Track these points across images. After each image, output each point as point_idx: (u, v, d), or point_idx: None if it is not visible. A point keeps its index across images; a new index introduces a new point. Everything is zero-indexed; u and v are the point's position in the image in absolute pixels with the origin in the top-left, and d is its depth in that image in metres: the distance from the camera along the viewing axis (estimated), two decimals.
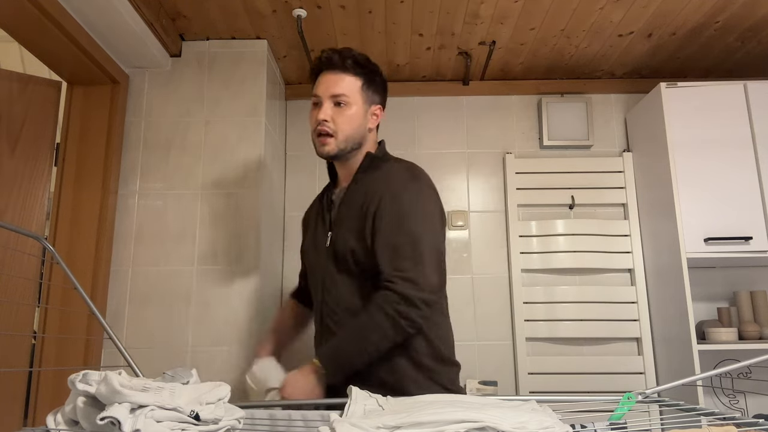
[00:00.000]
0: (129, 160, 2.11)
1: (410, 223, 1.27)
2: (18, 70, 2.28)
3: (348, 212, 1.36)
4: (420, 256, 1.25)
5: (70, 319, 1.90)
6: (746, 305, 2.24)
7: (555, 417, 0.79)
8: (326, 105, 1.36)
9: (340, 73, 1.36)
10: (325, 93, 1.36)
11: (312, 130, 1.39)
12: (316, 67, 1.40)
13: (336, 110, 1.36)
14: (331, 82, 1.36)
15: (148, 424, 0.70)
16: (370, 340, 1.22)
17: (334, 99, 1.36)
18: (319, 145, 1.37)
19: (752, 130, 2.19)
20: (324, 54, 1.38)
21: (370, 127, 1.42)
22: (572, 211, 2.49)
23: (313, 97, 1.40)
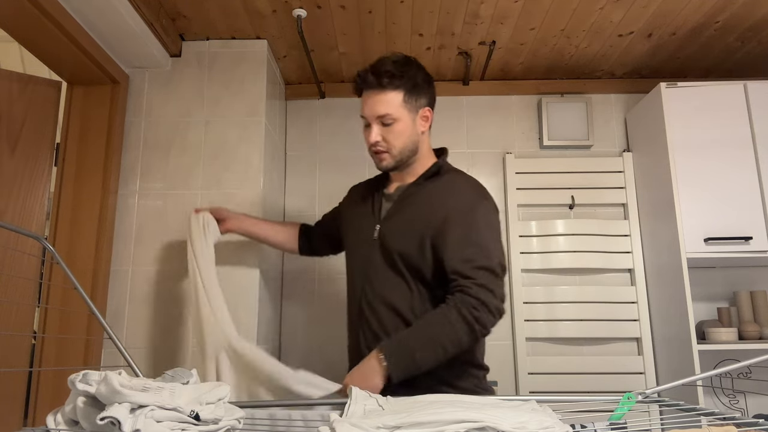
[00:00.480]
0: (129, 160, 2.11)
1: (482, 238, 1.31)
2: (18, 70, 2.28)
3: (405, 213, 1.40)
4: (493, 268, 1.28)
5: (70, 319, 1.90)
6: (746, 305, 2.24)
7: (555, 417, 0.79)
8: (374, 127, 1.39)
9: (379, 93, 1.37)
10: (371, 115, 1.39)
11: (368, 147, 1.44)
12: (356, 87, 1.43)
13: (384, 129, 1.38)
14: (373, 103, 1.38)
15: (148, 424, 0.70)
16: (441, 340, 1.22)
17: (380, 120, 1.38)
18: (377, 161, 1.43)
19: (752, 130, 2.19)
20: (360, 74, 1.40)
21: (422, 131, 1.44)
22: (572, 211, 2.49)
23: (362, 118, 1.43)
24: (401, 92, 1.37)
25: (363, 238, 1.44)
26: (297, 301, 2.43)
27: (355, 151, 2.56)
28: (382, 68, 1.37)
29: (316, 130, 2.59)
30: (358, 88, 1.41)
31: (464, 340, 1.24)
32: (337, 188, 2.50)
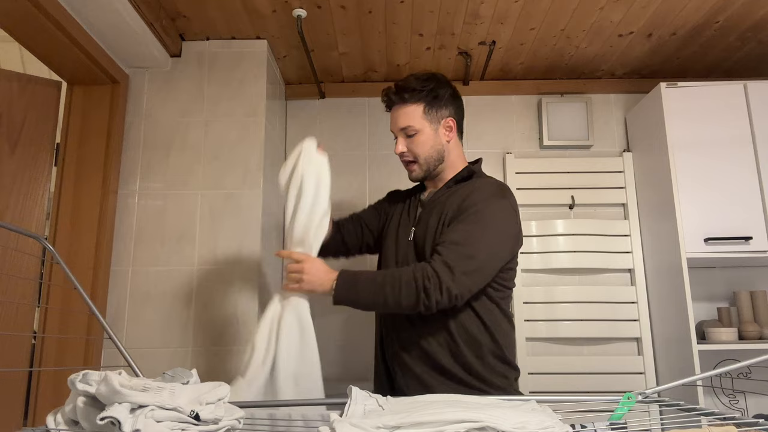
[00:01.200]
0: (129, 160, 2.11)
1: (480, 231, 1.33)
2: (18, 70, 2.28)
3: (433, 215, 1.45)
4: (471, 259, 1.29)
5: (70, 319, 1.90)
6: (746, 305, 2.24)
7: (555, 417, 0.79)
8: (400, 140, 1.50)
9: (401, 107, 1.48)
10: (395, 129, 1.51)
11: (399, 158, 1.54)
12: (384, 102, 1.54)
13: (409, 141, 1.48)
14: (396, 117, 1.50)
15: (148, 424, 0.70)
16: (385, 291, 1.29)
17: (404, 132, 1.48)
18: (408, 173, 1.54)
19: (752, 130, 2.19)
20: (385, 91, 1.52)
21: (447, 140, 1.51)
22: (572, 211, 2.49)
23: (392, 133, 1.54)
24: (421, 105, 1.47)
25: (400, 242, 1.51)
26: None
27: (355, 151, 2.56)
28: (405, 84, 1.48)
29: (316, 130, 2.59)
30: (387, 106, 1.53)
31: (403, 304, 1.28)
32: (337, 188, 2.52)
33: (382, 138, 2.57)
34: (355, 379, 2.29)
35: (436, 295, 1.25)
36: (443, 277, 1.25)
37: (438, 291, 1.25)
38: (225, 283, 2.01)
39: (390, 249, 1.54)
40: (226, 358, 1.96)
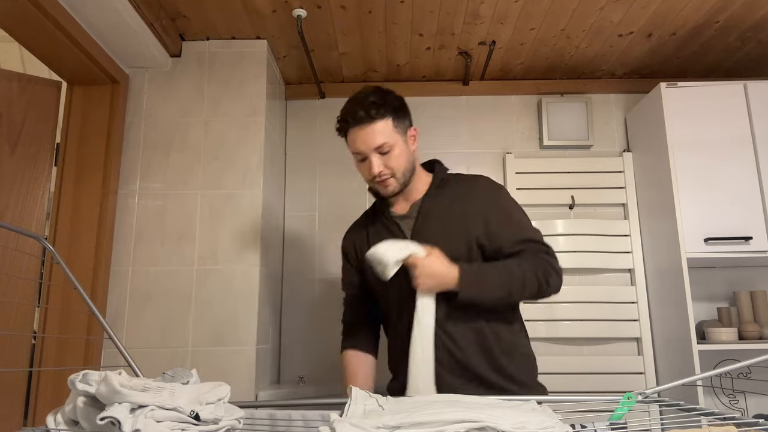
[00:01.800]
0: (129, 160, 2.11)
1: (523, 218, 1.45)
2: (18, 70, 2.28)
3: (436, 224, 1.40)
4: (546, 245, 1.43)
5: (70, 319, 1.90)
6: (746, 305, 2.24)
7: (555, 417, 0.79)
8: (374, 159, 1.37)
9: (371, 124, 1.36)
10: (367, 149, 1.37)
11: (368, 179, 1.42)
12: (342, 126, 1.39)
13: (384, 158, 1.38)
14: (366, 136, 1.36)
15: (148, 424, 0.70)
16: (510, 286, 1.32)
17: (378, 150, 1.37)
18: (383, 189, 1.41)
19: (752, 130, 2.19)
20: (347, 112, 1.38)
21: (413, 149, 1.47)
22: (572, 211, 2.49)
23: (356, 155, 1.39)
24: (389, 118, 1.38)
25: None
26: (297, 301, 2.43)
27: None
28: (366, 101, 1.36)
29: (316, 130, 2.59)
30: (345, 128, 1.39)
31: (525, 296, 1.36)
32: (337, 188, 2.52)
33: None
34: None
35: (556, 277, 1.40)
36: (555, 262, 1.40)
37: (556, 274, 1.40)
38: (225, 283, 2.01)
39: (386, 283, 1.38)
40: (226, 358, 1.96)
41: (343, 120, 1.39)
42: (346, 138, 1.41)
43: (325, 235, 2.48)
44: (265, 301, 2.14)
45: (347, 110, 1.39)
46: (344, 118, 1.39)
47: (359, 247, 1.49)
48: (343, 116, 1.39)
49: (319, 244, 2.48)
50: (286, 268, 2.46)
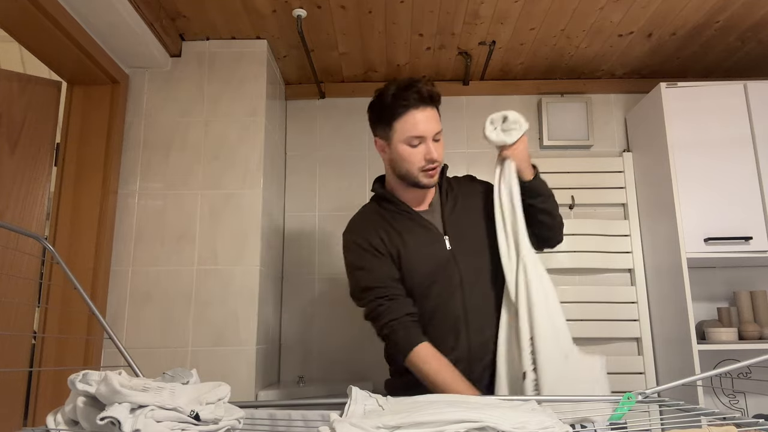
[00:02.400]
0: (129, 160, 2.11)
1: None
2: (18, 70, 2.28)
3: (460, 215, 1.45)
4: None
5: (70, 319, 1.90)
6: (746, 305, 2.24)
7: (555, 417, 0.79)
8: (431, 144, 1.37)
9: (432, 109, 1.38)
10: (428, 131, 1.36)
11: (417, 166, 1.38)
12: (403, 100, 1.35)
13: (437, 145, 1.39)
14: (429, 120, 1.37)
15: (148, 424, 0.70)
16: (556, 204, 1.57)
17: (435, 136, 1.38)
18: (427, 178, 1.40)
19: (752, 130, 2.19)
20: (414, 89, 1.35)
21: None
22: (572, 211, 2.49)
23: (413, 138, 1.36)
24: (438, 110, 1.42)
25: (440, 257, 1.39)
26: (297, 301, 2.43)
27: (355, 151, 2.56)
28: (424, 86, 1.36)
29: (316, 130, 2.59)
30: (402, 103, 1.35)
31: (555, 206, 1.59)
32: (337, 188, 2.52)
33: None
34: (356, 379, 2.29)
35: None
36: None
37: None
38: (225, 283, 2.01)
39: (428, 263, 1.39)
40: (226, 358, 1.96)
41: (405, 98, 1.35)
42: (396, 119, 1.36)
43: (325, 235, 2.48)
44: (265, 301, 2.14)
45: (405, 88, 1.36)
46: (405, 97, 1.35)
47: (387, 238, 1.40)
48: (403, 95, 1.35)
49: (319, 244, 2.48)
50: (286, 268, 2.46)
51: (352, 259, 1.43)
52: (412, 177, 1.40)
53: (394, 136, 1.38)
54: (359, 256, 1.41)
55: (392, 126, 1.37)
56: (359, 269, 1.41)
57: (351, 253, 1.43)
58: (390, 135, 1.39)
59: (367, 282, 1.38)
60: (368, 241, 1.41)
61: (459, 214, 1.45)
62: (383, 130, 1.40)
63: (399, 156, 1.39)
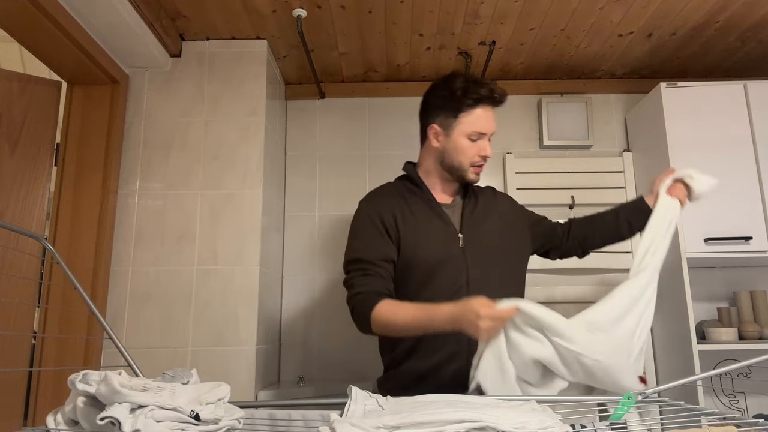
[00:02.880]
0: (129, 160, 2.11)
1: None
2: (18, 70, 2.28)
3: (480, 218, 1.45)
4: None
5: (70, 319, 1.90)
6: (746, 305, 2.24)
7: (555, 417, 0.79)
8: (487, 142, 1.43)
9: (494, 110, 1.43)
10: (491, 130, 1.42)
11: (470, 161, 1.42)
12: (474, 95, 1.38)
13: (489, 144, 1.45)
14: (492, 120, 1.43)
15: (148, 424, 0.70)
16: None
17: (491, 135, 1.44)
18: (475, 174, 1.45)
19: (752, 130, 2.19)
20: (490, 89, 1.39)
21: None
22: (572, 211, 2.49)
23: (476, 133, 1.40)
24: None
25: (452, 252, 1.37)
26: (297, 301, 2.43)
27: (355, 151, 2.56)
28: (499, 87, 1.41)
29: (316, 130, 2.59)
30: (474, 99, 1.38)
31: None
32: (337, 188, 2.52)
33: (382, 138, 2.57)
34: (356, 379, 2.29)
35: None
36: None
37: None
38: (225, 283, 2.01)
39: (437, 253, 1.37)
40: (226, 358, 1.96)
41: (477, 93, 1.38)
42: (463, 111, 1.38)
43: (325, 235, 2.48)
44: (265, 301, 2.14)
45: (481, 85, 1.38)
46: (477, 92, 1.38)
47: (401, 219, 1.39)
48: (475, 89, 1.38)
49: (319, 244, 2.48)
50: (286, 268, 2.46)
51: (358, 228, 1.44)
52: (462, 170, 1.43)
53: (458, 127, 1.40)
54: (364, 228, 1.41)
55: (457, 117, 1.40)
56: (356, 238, 1.42)
57: (359, 222, 1.44)
58: (452, 125, 1.41)
59: (359, 254, 1.38)
60: (380, 217, 1.41)
61: (477, 218, 1.46)
62: (446, 118, 1.42)
63: (456, 147, 1.41)
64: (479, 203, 1.50)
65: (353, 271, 1.37)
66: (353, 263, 1.38)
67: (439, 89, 1.44)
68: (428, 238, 1.39)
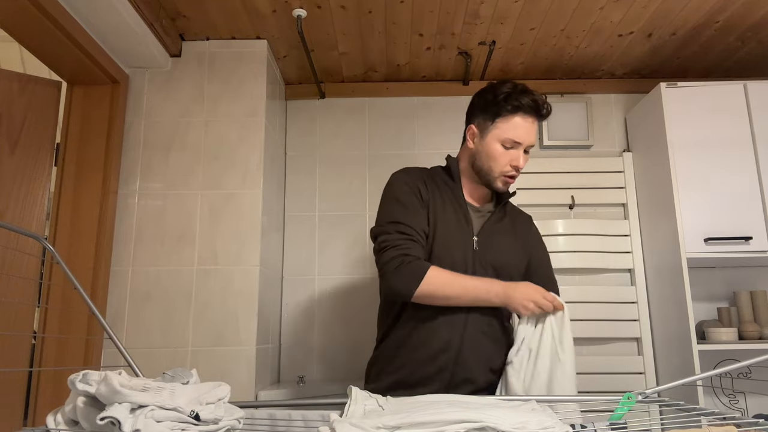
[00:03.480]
0: (129, 160, 2.11)
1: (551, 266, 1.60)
2: (18, 70, 2.28)
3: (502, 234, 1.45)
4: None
5: (70, 319, 1.90)
6: (746, 305, 2.24)
7: (555, 417, 0.79)
8: (522, 154, 1.40)
9: (536, 122, 1.40)
10: (527, 141, 1.39)
11: (501, 168, 1.41)
12: (516, 101, 1.37)
13: (525, 156, 1.42)
14: (532, 130, 1.40)
15: (148, 424, 0.70)
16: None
17: (527, 148, 1.41)
18: (504, 184, 1.43)
19: (752, 130, 2.19)
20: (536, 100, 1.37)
21: None
22: (572, 211, 2.49)
23: (511, 141, 1.38)
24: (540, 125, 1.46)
25: (466, 251, 1.39)
26: (297, 301, 2.43)
27: (355, 151, 2.56)
28: (544, 101, 1.39)
29: (316, 130, 2.59)
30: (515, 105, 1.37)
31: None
32: (337, 188, 2.52)
33: (382, 138, 2.57)
34: (356, 379, 2.29)
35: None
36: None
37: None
38: (225, 283, 2.01)
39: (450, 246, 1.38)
40: (226, 358, 1.96)
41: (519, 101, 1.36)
42: (501, 116, 1.38)
43: (325, 235, 2.48)
44: (265, 301, 2.14)
45: (526, 94, 1.36)
46: (520, 100, 1.36)
47: (431, 202, 1.40)
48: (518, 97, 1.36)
49: (319, 244, 2.48)
50: (286, 268, 2.46)
51: (397, 194, 1.40)
52: (491, 177, 1.42)
53: (493, 131, 1.40)
54: (404, 193, 1.39)
55: (495, 122, 1.39)
56: (398, 203, 1.38)
57: (395, 188, 1.41)
58: (488, 128, 1.41)
59: (399, 217, 1.35)
60: (417, 188, 1.41)
61: (499, 230, 1.46)
62: (484, 121, 1.42)
63: (488, 152, 1.40)
64: (506, 219, 1.49)
65: (395, 232, 1.34)
66: (395, 225, 1.35)
67: (486, 92, 1.43)
68: (447, 230, 1.39)
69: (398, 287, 1.29)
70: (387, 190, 1.44)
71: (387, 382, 1.36)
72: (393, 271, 1.29)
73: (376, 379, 1.40)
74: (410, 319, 1.37)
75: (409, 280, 1.28)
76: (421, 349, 1.34)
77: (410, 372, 1.34)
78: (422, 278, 1.27)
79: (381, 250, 1.33)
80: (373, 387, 1.36)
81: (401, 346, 1.37)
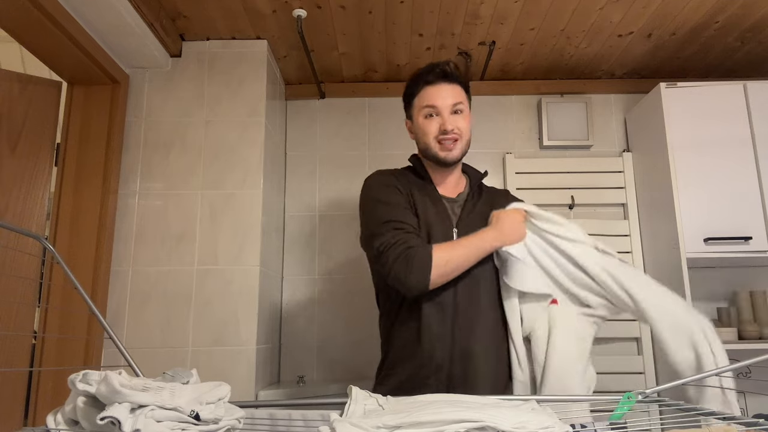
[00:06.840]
0: (129, 160, 2.11)
1: None
2: (18, 70, 2.28)
3: (482, 218, 1.44)
4: None
5: (70, 319, 1.90)
6: (746, 305, 2.24)
7: (555, 417, 0.79)
8: (446, 115, 1.42)
9: (450, 84, 1.44)
10: (444, 103, 1.42)
11: (432, 138, 1.43)
12: (421, 79, 1.45)
13: (455, 117, 1.43)
14: (446, 92, 1.43)
15: (148, 423, 0.70)
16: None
17: (453, 108, 1.43)
18: (444, 151, 1.42)
19: (752, 130, 2.19)
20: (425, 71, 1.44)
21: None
22: (572, 211, 2.49)
23: (427, 108, 1.43)
24: (463, 88, 1.46)
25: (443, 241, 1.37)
26: (297, 301, 2.43)
27: (355, 151, 2.56)
28: (446, 65, 1.44)
29: (316, 130, 2.59)
30: (422, 81, 1.44)
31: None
32: (337, 188, 2.52)
33: (382, 138, 2.57)
34: (356, 379, 2.29)
35: None
36: None
37: None
38: (225, 283, 2.01)
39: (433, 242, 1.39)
40: (226, 358, 1.96)
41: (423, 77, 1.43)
42: (416, 95, 1.45)
43: (325, 235, 2.48)
44: (265, 301, 2.14)
45: (424, 69, 1.44)
46: (423, 75, 1.43)
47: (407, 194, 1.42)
48: (421, 75, 1.44)
49: (319, 244, 2.48)
50: (286, 268, 2.46)
51: (376, 194, 1.41)
52: (430, 150, 1.44)
53: (414, 112, 1.47)
54: (384, 192, 1.41)
55: (412, 104, 1.47)
56: (382, 203, 1.38)
57: (374, 189, 1.42)
58: (412, 113, 1.48)
59: (389, 216, 1.35)
60: (394, 184, 1.42)
61: (476, 217, 1.45)
62: (408, 110, 1.50)
63: (418, 129, 1.46)
64: (481, 201, 1.49)
65: (392, 230, 1.33)
66: (384, 225, 1.34)
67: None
68: (428, 227, 1.39)
69: (413, 284, 1.28)
70: (366, 194, 1.43)
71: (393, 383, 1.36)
72: (403, 271, 1.27)
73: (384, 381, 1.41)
74: (409, 318, 1.37)
75: (420, 273, 1.27)
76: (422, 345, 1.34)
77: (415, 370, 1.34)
78: (431, 266, 1.27)
79: (381, 254, 1.31)
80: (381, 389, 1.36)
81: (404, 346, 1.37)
